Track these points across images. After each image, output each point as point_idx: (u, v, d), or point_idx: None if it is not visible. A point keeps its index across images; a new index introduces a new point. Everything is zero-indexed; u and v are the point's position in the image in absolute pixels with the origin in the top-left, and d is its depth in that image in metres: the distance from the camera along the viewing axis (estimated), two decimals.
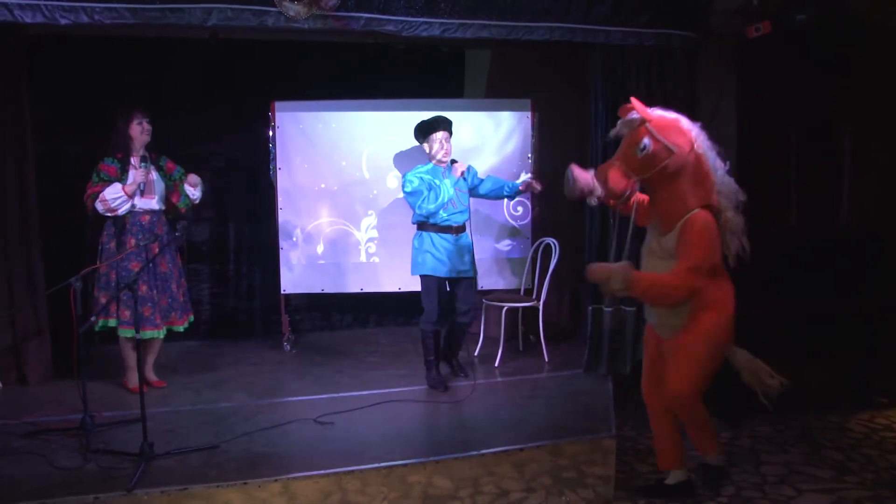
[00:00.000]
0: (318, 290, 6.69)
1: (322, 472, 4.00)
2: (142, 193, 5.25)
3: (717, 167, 4.08)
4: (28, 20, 4.59)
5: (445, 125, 5.48)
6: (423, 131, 5.52)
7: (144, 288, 5.23)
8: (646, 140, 3.92)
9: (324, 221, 6.56)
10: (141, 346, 4.64)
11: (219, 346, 6.37)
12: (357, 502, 3.99)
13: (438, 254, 5.39)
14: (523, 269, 6.48)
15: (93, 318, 4.55)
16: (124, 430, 4.56)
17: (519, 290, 6.48)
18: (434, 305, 5.41)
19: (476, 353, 6.23)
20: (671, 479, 4.34)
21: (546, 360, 6.07)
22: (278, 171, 6.44)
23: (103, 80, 6.44)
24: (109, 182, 5.19)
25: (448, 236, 5.43)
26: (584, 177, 4.24)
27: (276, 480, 3.91)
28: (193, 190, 5.49)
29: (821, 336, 6.06)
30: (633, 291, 3.93)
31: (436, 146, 5.44)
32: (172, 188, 5.49)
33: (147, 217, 5.31)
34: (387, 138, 6.48)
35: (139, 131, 5.28)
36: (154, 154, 5.41)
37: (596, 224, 5.67)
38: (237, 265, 7.12)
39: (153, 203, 5.33)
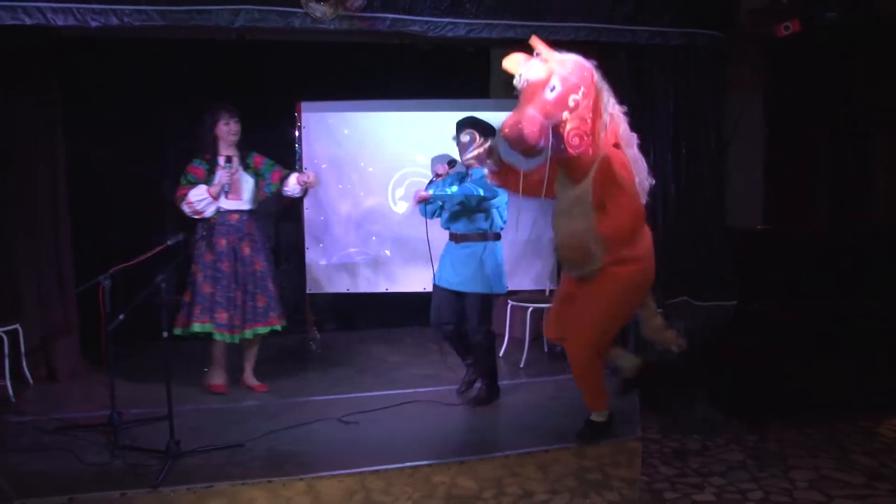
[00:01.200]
0: (342, 290, 6.71)
1: (346, 471, 4.01)
2: (226, 194, 5.16)
3: (613, 105, 4.06)
4: (60, 23, 4.63)
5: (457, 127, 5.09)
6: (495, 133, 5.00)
7: (219, 293, 5.16)
8: (555, 79, 3.80)
9: (349, 222, 6.58)
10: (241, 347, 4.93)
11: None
12: (381, 502, 3.99)
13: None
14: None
15: (121, 317, 4.59)
16: (151, 427, 4.60)
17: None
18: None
19: (501, 354, 6.21)
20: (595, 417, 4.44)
21: None
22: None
23: (131, 82, 6.50)
24: (196, 184, 5.12)
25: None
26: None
27: (300, 479, 3.93)
28: (297, 187, 5.32)
29: (850, 338, 5.97)
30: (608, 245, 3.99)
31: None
32: (260, 182, 5.34)
33: (236, 216, 5.23)
34: (412, 138, 6.48)
35: (226, 131, 5.18)
36: (243, 151, 5.31)
37: None
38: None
39: (241, 203, 5.24)
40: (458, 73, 7.22)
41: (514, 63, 3.92)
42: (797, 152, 6.64)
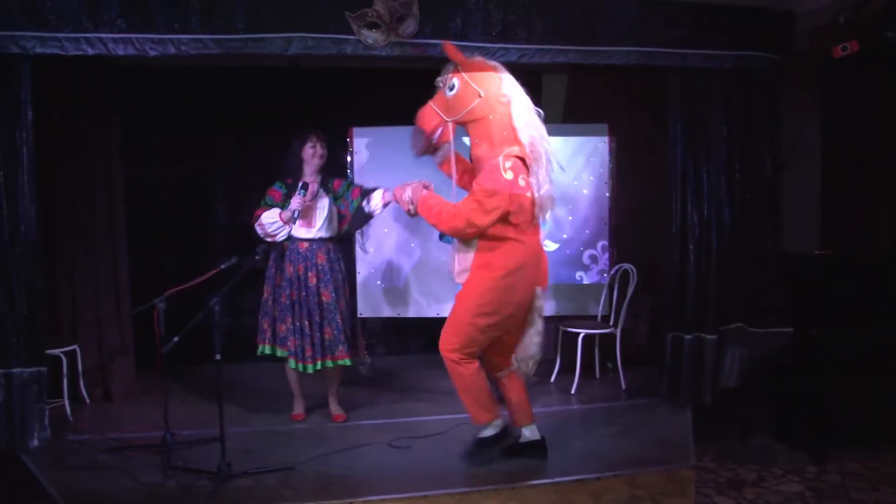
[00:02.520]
0: (394, 315, 6.72)
1: (396, 495, 4.00)
2: (294, 221, 5.08)
3: (533, 125, 4.19)
4: (120, 52, 4.75)
5: None
6: None
7: (289, 319, 5.12)
8: (455, 80, 4.24)
9: (401, 246, 6.61)
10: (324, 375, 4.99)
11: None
12: None
13: None
14: (600, 294, 6.39)
15: (175, 339, 4.66)
16: (203, 448, 4.65)
17: (596, 316, 6.38)
18: None
19: (552, 380, 6.15)
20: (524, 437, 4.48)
21: (623, 387, 5.96)
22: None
23: (185, 108, 6.65)
24: (272, 206, 5.14)
25: None
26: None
27: (350, 503, 3.92)
28: (379, 205, 5.21)
29: None
30: (420, 208, 4.35)
31: None
32: (341, 204, 5.29)
33: (305, 245, 5.15)
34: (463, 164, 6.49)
35: (311, 154, 5.18)
36: (324, 176, 5.29)
37: (676, 250, 5.55)
38: None
39: (311, 231, 5.16)
40: None
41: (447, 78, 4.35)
42: (855, 175, 6.49)
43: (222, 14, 4.76)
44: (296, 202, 5.02)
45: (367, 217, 5.28)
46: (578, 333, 5.98)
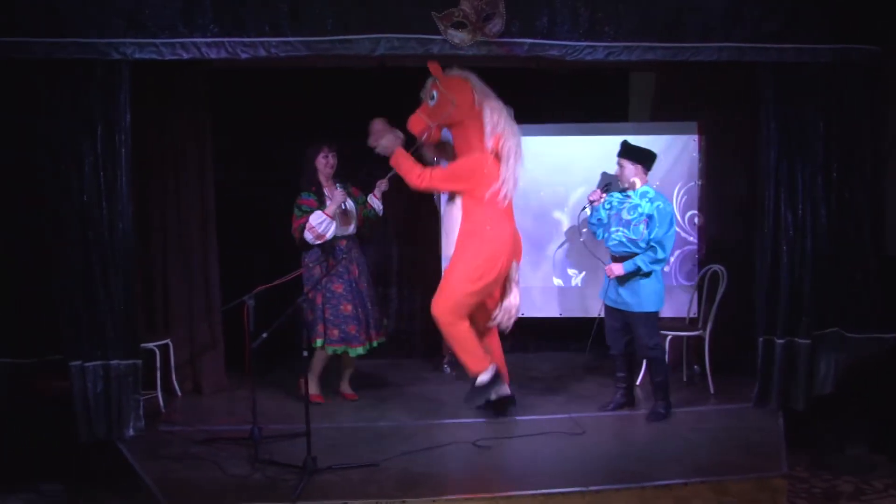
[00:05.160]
0: None
1: (480, 495, 4.01)
2: (339, 212, 5.51)
3: (502, 123, 5.05)
4: (213, 56, 4.90)
5: None
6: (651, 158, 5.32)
7: (349, 307, 5.51)
8: (434, 91, 5.09)
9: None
10: (342, 361, 5.30)
11: (380, 366, 6.51)
12: None
13: None
14: (689, 296, 6.24)
15: (264, 335, 4.74)
16: (289, 442, 4.73)
17: (684, 318, 6.24)
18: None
19: (638, 383, 6.04)
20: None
21: (712, 391, 5.81)
22: (442, 195, 6.53)
23: (273, 110, 6.76)
24: (311, 213, 5.45)
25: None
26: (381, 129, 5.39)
27: (433, 501, 3.94)
28: (377, 201, 5.71)
29: None
30: (392, 157, 5.28)
31: None
32: (359, 211, 5.75)
33: (345, 241, 5.62)
34: (550, 163, 6.46)
35: (324, 164, 5.59)
36: (341, 182, 5.72)
37: (768, 251, 5.37)
38: (399, 287, 7.28)
39: (349, 228, 5.64)
40: (596, 96, 7.13)
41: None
42: None
43: (311, 16, 4.85)
44: (339, 196, 5.52)
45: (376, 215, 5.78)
46: (666, 336, 5.84)
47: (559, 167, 6.49)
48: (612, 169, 5.43)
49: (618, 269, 5.15)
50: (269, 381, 5.96)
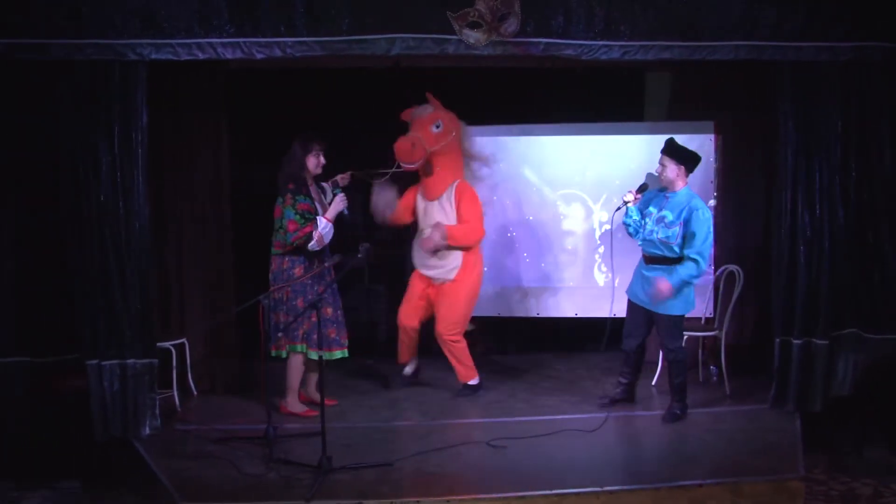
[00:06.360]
0: (493, 314, 6.71)
1: (493, 495, 4.01)
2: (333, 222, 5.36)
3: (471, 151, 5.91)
4: (229, 56, 4.93)
5: None
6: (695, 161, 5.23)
7: (329, 310, 5.34)
8: (440, 119, 5.63)
9: (501, 244, 6.60)
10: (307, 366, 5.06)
11: (395, 365, 6.52)
12: None
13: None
14: (705, 296, 6.21)
15: (279, 335, 4.77)
16: (304, 442, 4.75)
17: (700, 318, 6.20)
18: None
19: (653, 383, 6.01)
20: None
21: (728, 392, 5.77)
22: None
23: (289, 111, 6.77)
24: (312, 219, 5.27)
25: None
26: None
27: (447, 501, 3.94)
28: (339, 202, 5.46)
29: None
30: (450, 240, 5.59)
31: None
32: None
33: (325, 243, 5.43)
34: (565, 162, 6.45)
35: (314, 164, 5.38)
36: (325, 182, 5.58)
37: (784, 251, 5.33)
38: None
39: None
40: (612, 95, 7.10)
41: (408, 114, 5.83)
42: None
43: (326, 17, 4.86)
44: (340, 203, 5.36)
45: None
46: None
47: (574, 167, 6.47)
48: (630, 170, 5.41)
49: (666, 288, 5.00)
50: (285, 380, 5.96)
